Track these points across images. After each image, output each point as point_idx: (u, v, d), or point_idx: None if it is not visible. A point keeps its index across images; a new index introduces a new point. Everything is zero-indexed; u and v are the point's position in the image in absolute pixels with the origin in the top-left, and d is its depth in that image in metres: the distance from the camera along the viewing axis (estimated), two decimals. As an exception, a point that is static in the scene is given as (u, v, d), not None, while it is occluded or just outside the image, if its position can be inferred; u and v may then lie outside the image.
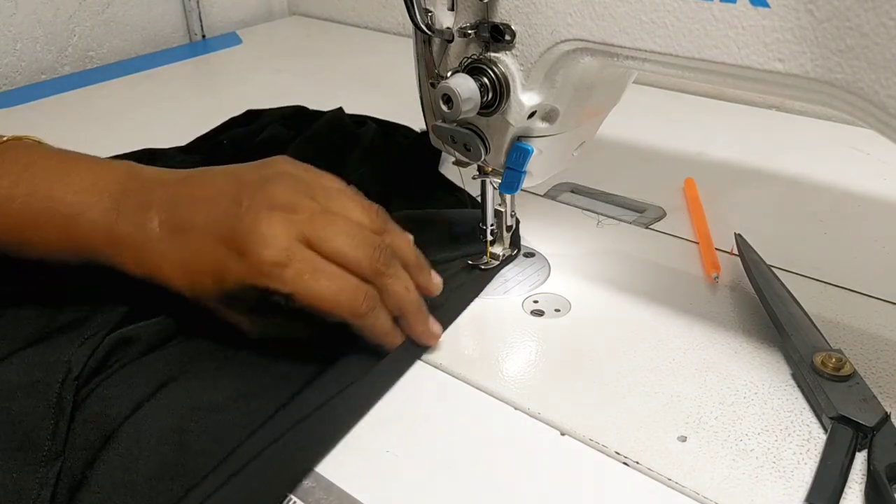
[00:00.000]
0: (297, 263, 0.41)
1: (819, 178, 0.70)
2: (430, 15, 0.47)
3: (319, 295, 0.42)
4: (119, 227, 0.45)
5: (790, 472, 0.39)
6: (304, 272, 0.41)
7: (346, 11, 1.28)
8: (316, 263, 0.42)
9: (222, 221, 0.43)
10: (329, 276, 0.42)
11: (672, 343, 0.49)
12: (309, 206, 0.44)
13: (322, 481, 0.39)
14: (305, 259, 0.42)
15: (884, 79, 0.33)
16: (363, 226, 0.45)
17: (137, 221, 0.45)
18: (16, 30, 1.02)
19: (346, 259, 0.43)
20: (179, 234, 0.44)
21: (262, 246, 0.41)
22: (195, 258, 0.43)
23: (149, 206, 0.45)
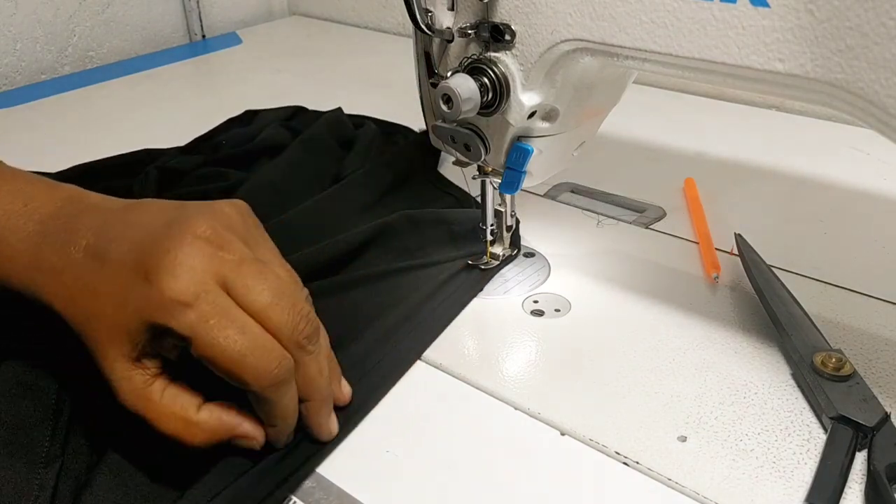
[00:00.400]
0: (204, 305, 0.34)
1: (819, 178, 0.70)
2: (430, 15, 0.47)
3: (223, 348, 0.34)
4: (41, 251, 0.38)
5: (790, 472, 0.39)
6: (210, 316, 0.34)
7: (346, 11, 1.28)
8: (229, 311, 0.35)
9: (143, 243, 0.37)
10: (240, 328, 0.35)
11: (672, 343, 0.49)
12: (241, 250, 0.37)
13: (322, 481, 0.39)
14: (217, 302, 0.35)
15: (884, 79, 0.33)
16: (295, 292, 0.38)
17: (63, 246, 0.38)
18: (16, 30, 1.02)
19: (269, 318, 0.36)
20: (100, 261, 0.37)
21: (170, 276, 0.35)
22: (103, 286, 0.36)
23: (77, 232, 0.38)
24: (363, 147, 0.73)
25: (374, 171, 0.68)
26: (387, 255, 0.57)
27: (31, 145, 0.72)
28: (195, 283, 0.35)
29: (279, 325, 0.36)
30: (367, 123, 0.79)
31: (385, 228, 0.58)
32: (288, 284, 0.38)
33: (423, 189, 0.69)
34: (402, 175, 0.69)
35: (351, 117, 0.80)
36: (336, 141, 0.74)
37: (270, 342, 0.36)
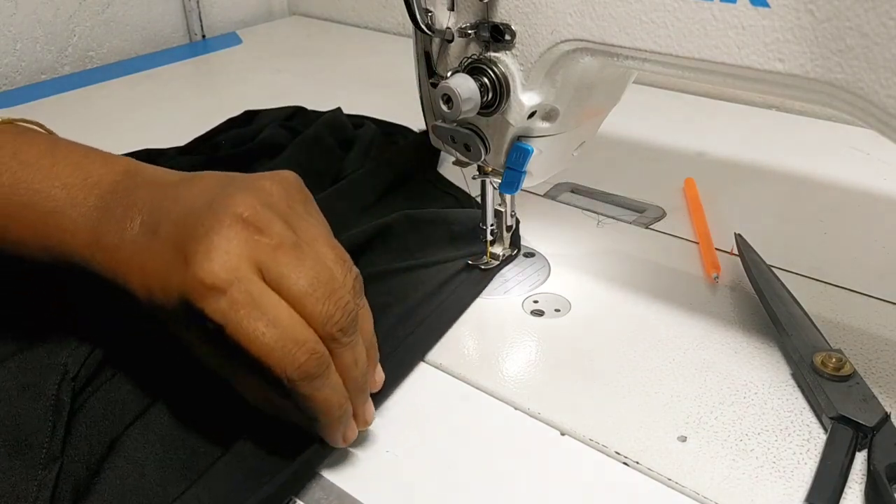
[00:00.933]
0: (237, 293, 0.34)
1: (819, 178, 0.70)
2: (430, 15, 0.47)
3: (253, 338, 0.34)
4: (100, 226, 0.39)
5: (790, 472, 0.39)
6: (242, 305, 0.34)
7: (346, 11, 1.28)
8: (262, 299, 0.34)
9: (187, 222, 0.36)
10: (273, 319, 0.34)
11: (672, 343, 0.49)
12: (281, 232, 0.36)
13: (322, 481, 0.39)
14: (250, 291, 0.34)
15: (884, 79, 0.33)
16: (335, 278, 0.36)
17: (120, 222, 0.39)
18: (16, 30, 1.02)
19: (304, 308, 0.35)
20: (151, 236, 0.37)
21: (205, 259, 0.34)
22: (151, 262, 0.37)
23: (134, 207, 0.39)
24: (363, 147, 0.73)
25: (373, 171, 0.68)
26: (387, 255, 0.57)
27: (31, 145, 0.72)
28: (229, 269, 0.34)
29: (312, 314, 0.35)
30: (366, 124, 0.79)
31: (385, 229, 0.58)
32: (327, 270, 0.36)
33: (423, 189, 0.69)
34: (402, 175, 0.69)
35: (350, 117, 0.80)
36: (336, 141, 0.74)
37: (303, 334, 0.34)
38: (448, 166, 0.72)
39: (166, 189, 0.39)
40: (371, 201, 0.65)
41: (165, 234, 0.37)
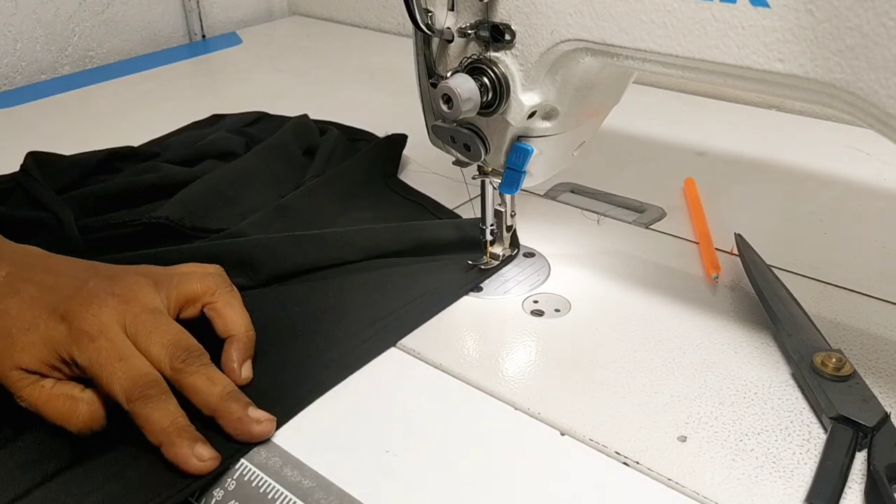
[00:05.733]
0: (102, 341, 0.42)
1: (819, 178, 0.70)
2: (430, 15, 0.47)
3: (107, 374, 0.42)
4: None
5: (790, 472, 0.39)
6: (104, 350, 0.42)
7: (346, 11, 1.28)
8: (119, 349, 0.42)
9: (63, 288, 0.45)
10: (124, 361, 0.42)
11: (672, 343, 0.49)
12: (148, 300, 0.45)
13: (322, 481, 0.39)
14: (113, 341, 0.42)
15: (884, 79, 0.33)
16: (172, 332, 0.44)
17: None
18: (16, 30, 1.02)
19: (149, 353, 0.43)
20: (16, 292, 0.45)
21: (84, 316, 0.43)
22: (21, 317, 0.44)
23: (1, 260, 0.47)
24: (324, 155, 0.72)
25: (330, 179, 0.67)
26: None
27: (31, 145, 0.72)
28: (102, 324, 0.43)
29: (158, 357, 0.43)
30: (329, 129, 0.78)
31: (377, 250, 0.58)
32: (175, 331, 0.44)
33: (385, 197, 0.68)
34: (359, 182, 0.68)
35: (316, 122, 0.79)
36: (301, 148, 0.73)
37: (147, 368, 0.42)
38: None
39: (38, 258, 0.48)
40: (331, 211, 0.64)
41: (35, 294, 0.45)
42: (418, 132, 0.55)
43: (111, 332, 0.43)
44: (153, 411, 0.41)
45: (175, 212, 0.61)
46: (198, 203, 0.63)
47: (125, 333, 0.43)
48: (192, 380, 0.43)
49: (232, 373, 0.45)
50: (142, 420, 0.41)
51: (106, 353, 0.42)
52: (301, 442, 0.42)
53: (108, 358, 0.42)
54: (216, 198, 0.64)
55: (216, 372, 0.44)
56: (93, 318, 0.43)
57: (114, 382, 0.41)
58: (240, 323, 0.47)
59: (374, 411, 0.44)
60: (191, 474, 0.40)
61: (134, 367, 0.42)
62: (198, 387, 0.43)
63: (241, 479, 0.40)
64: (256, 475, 0.40)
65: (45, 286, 0.45)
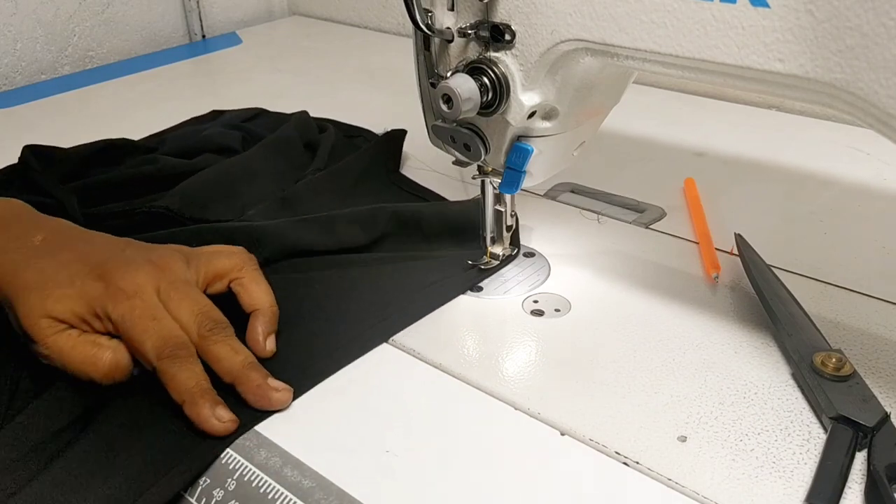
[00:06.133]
0: (137, 300, 0.44)
1: (819, 178, 0.70)
2: (430, 15, 0.47)
3: (140, 330, 0.44)
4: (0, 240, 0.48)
5: (790, 472, 0.39)
6: (138, 308, 0.44)
7: (346, 11, 1.28)
8: (153, 310, 0.44)
9: (97, 256, 0.47)
10: (156, 321, 0.44)
11: (672, 343, 0.49)
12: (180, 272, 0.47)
13: (322, 481, 0.39)
14: (147, 302, 0.45)
15: (884, 79, 0.33)
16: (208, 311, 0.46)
17: (19, 239, 0.48)
18: (16, 30, 1.02)
19: (179, 320, 0.45)
20: (56, 253, 0.47)
21: (122, 277, 0.45)
22: (58, 273, 0.46)
23: (37, 228, 0.49)
24: (325, 150, 0.73)
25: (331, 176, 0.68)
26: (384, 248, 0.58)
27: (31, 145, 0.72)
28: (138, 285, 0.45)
29: (187, 324, 0.45)
30: (329, 127, 0.78)
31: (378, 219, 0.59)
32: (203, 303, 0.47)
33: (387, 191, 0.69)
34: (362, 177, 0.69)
35: (315, 120, 0.79)
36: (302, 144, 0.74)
37: (177, 331, 0.44)
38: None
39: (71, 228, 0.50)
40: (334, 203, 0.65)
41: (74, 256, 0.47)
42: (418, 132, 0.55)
43: (146, 294, 0.45)
44: (180, 371, 0.43)
45: (175, 202, 0.62)
46: (198, 194, 0.63)
47: (158, 298, 0.45)
48: (217, 348, 0.45)
49: (256, 345, 0.47)
50: (168, 378, 0.43)
51: (140, 310, 0.44)
52: (301, 442, 0.42)
53: (141, 316, 0.44)
54: (217, 190, 0.65)
55: (239, 343, 0.46)
56: (130, 279, 0.45)
57: (146, 339, 0.43)
58: (265, 298, 0.49)
59: (374, 411, 0.44)
60: (209, 434, 0.42)
61: (165, 327, 0.44)
62: (222, 355, 0.44)
63: (241, 479, 0.40)
64: (256, 475, 0.40)
65: (82, 251, 0.47)
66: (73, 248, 0.48)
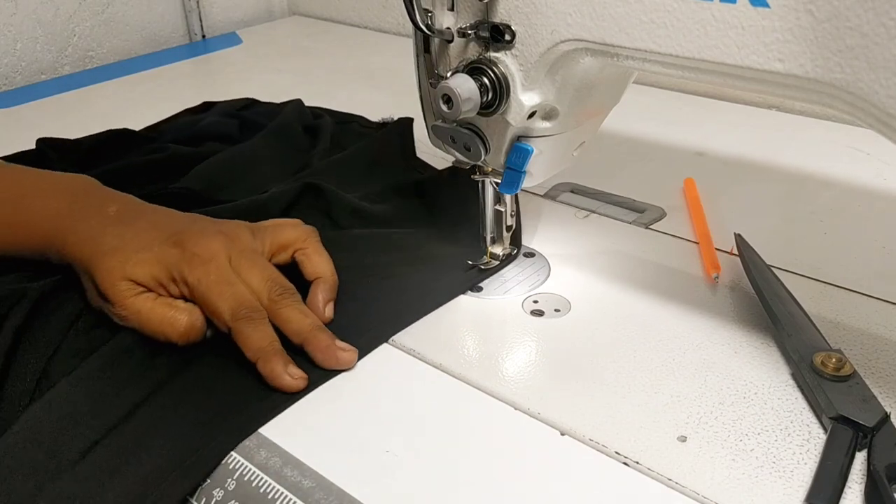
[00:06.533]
0: (212, 266, 0.47)
1: (819, 178, 0.70)
2: (430, 15, 0.47)
3: (216, 294, 0.46)
4: (73, 213, 0.50)
5: (790, 472, 0.39)
6: (213, 273, 0.47)
7: (346, 11, 1.28)
8: (227, 275, 0.47)
9: (172, 225, 0.50)
10: (231, 286, 0.47)
11: (672, 343, 0.49)
12: (248, 242, 0.50)
13: (322, 481, 0.39)
14: (221, 267, 0.47)
15: (884, 79, 0.33)
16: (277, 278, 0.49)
17: (94, 208, 0.51)
18: (16, 30, 1.02)
19: (250, 285, 0.48)
20: (130, 222, 0.50)
21: (197, 244, 0.48)
22: (135, 239, 0.48)
23: (109, 199, 0.52)
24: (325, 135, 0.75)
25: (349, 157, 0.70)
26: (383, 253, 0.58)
27: (31, 145, 0.72)
28: (212, 252, 0.48)
29: (258, 291, 0.48)
30: (323, 115, 0.80)
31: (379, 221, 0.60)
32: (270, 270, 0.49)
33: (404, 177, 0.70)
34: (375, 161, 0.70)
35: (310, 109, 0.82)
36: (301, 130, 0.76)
37: (249, 296, 0.47)
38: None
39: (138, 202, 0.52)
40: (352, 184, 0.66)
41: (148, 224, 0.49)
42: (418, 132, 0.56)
43: (220, 260, 0.48)
44: (254, 331, 0.46)
45: (194, 184, 0.64)
46: (214, 178, 0.66)
47: (229, 265, 0.48)
48: (287, 311, 0.47)
49: (316, 310, 0.49)
50: (242, 338, 0.46)
51: (215, 275, 0.47)
52: (301, 442, 0.42)
53: (216, 280, 0.47)
54: (229, 175, 0.67)
55: (306, 308, 0.49)
56: (205, 245, 0.48)
57: (221, 302, 0.46)
58: (327, 268, 0.52)
59: (374, 411, 0.44)
60: (281, 390, 0.44)
61: (239, 291, 0.47)
62: (291, 317, 0.47)
63: (241, 479, 0.40)
64: (256, 475, 0.40)
65: (155, 221, 0.50)
66: (146, 218, 0.50)
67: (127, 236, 0.48)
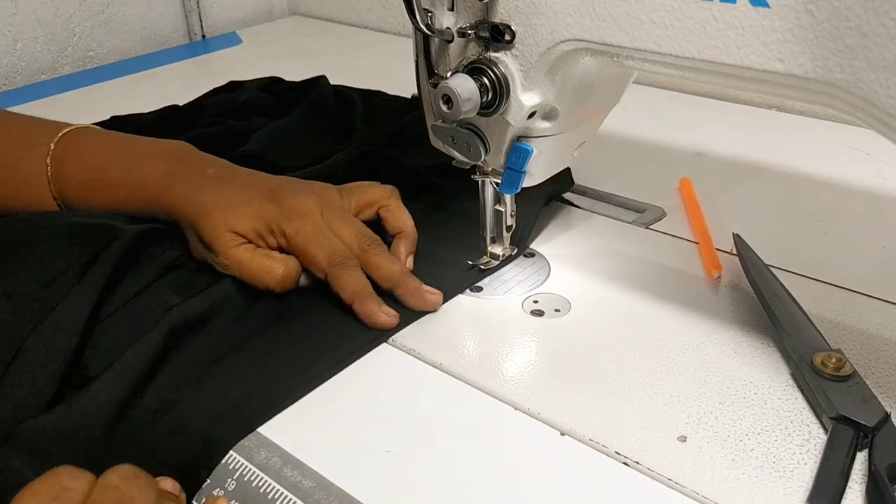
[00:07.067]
0: (308, 219, 0.52)
1: (819, 178, 0.70)
2: (430, 15, 0.47)
3: (312, 244, 0.51)
4: (176, 174, 0.55)
5: (790, 472, 0.39)
6: (309, 225, 0.52)
7: (346, 11, 1.28)
8: (321, 227, 0.52)
9: (267, 184, 0.55)
10: (326, 237, 0.52)
11: (672, 343, 0.49)
12: (337, 200, 0.55)
13: (322, 481, 0.39)
14: (316, 221, 0.52)
15: (884, 79, 0.33)
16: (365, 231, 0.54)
17: (195, 170, 0.55)
18: (16, 30, 1.02)
19: (342, 237, 0.53)
20: (229, 181, 0.54)
21: (293, 200, 0.53)
22: (235, 196, 0.53)
23: (207, 162, 0.56)
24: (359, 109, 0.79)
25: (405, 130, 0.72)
26: None
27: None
28: (308, 207, 0.53)
29: (349, 242, 0.53)
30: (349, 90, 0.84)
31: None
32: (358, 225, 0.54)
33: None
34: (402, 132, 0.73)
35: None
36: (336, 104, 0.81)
37: (341, 245, 0.52)
38: None
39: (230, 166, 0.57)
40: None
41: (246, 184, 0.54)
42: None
43: (315, 214, 0.53)
44: (350, 276, 0.50)
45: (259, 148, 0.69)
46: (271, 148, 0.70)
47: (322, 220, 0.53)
48: (377, 259, 0.52)
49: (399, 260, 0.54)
50: (339, 282, 0.50)
51: (311, 228, 0.52)
52: (301, 442, 0.42)
53: (312, 232, 0.52)
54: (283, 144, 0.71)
55: (393, 256, 0.54)
56: (300, 201, 0.53)
57: (318, 251, 0.51)
58: (408, 223, 0.56)
59: (374, 411, 0.44)
60: (376, 327, 0.49)
61: (333, 241, 0.52)
62: (381, 264, 0.52)
63: (241, 479, 0.40)
64: (256, 475, 0.40)
65: (251, 181, 0.55)
66: (242, 178, 0.55)
67: (227, 194, 0.53)
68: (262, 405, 0.44)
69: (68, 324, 0.45)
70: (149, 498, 0.33)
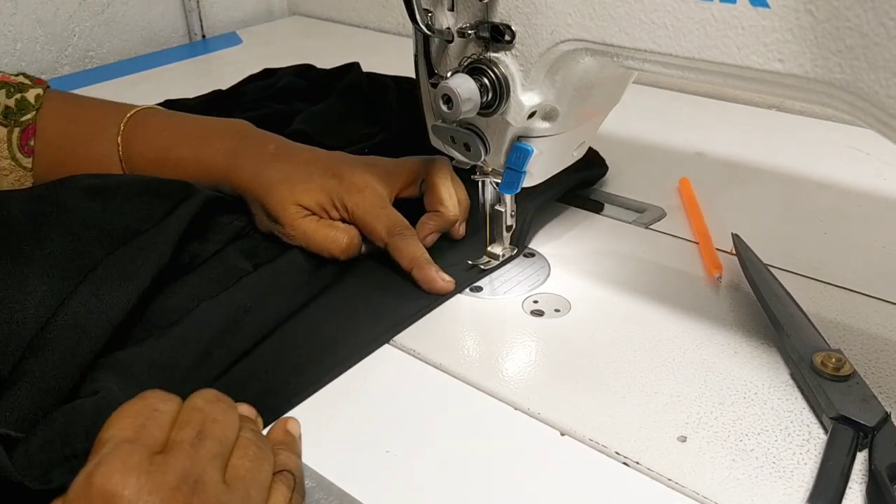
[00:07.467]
0: (367, 192, 0.55)
1: (819, 178, 0.70)
2: (430, 15, 0.47)
3: (373, 215, 0.55)
4: (240, 152, 0.58)
5: (790, 473, 0.39)
6: (368, 199, 0.55)
7: (346, 11, 1.28)
8: (380, 200, 0.56)
9: (326, 160, 0.57)
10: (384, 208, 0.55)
11: (672, 343, 0.49)
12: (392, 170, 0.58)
13: (322, 481, 0.39)
14: (375, 194, 0.55)
15: (884, 79, 0.33)
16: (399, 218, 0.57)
17: (257, 147, 0.58)
18: (16, 30, 1.02)
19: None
20: (290, 158, 0.57)
21: (352, 175, 0.56)
22: (298, 171, 0.56)
23: (267, 139, 0.59)
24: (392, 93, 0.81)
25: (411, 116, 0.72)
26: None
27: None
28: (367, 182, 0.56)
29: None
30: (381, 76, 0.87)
31: None
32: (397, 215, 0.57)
33: None
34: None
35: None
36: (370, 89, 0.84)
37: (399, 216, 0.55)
38: None
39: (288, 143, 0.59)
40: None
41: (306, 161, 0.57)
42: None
43: (374, 187, 0.56)
44: (408, 244, 0.54)
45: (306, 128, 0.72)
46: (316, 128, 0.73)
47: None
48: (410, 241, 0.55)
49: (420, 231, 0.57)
50: (398, 250, 0.54)
51: (370, 200, 0.55)
52: (301, 442, 0.42)
53: (372, 205, 0.55)
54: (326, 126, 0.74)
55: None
56: (359, 176, 0.56)
57: (378, 222, 0.54)
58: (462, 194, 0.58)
59: (374, 411, 0.44)
60: (433, 292, 0.53)
61: (393, 213, 0.55)
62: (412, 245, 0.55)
63: (241, 479, 0.40)
64: (256, 475, 0.40)
65: (310, 157, 0.58)
66: (302, 155, 0.58)
67: (290, 170, 0.56)
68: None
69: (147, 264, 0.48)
70: (230, 419, 0.35)
